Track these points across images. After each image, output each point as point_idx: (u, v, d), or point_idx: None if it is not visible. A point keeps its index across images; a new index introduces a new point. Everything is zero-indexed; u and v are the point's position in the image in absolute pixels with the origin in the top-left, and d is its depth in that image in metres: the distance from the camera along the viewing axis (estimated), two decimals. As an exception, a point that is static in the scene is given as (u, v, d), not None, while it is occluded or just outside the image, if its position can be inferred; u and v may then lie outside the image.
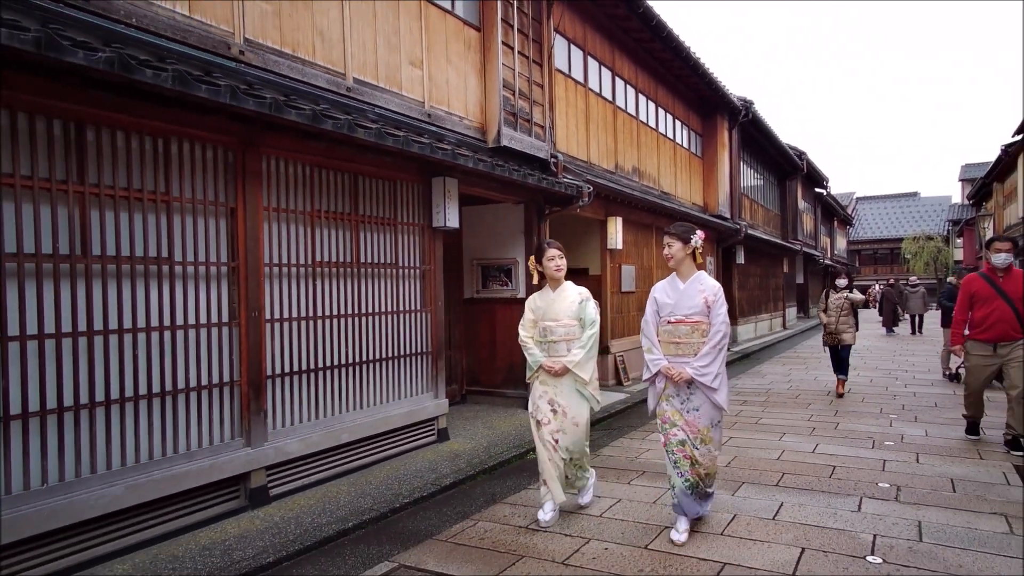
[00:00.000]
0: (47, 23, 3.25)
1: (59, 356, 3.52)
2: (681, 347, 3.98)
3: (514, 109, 7.35)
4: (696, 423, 3.95)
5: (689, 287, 4.02)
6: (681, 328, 3.99)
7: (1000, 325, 5.82)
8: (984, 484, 4.92)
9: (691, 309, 3.97)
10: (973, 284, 6.12)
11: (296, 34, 4.96)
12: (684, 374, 3.90)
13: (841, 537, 3.94)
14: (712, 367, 3.88)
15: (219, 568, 3.63)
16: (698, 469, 3.95)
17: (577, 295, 4.40)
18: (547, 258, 4.40)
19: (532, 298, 4.52)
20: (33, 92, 3.36)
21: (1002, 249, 5.91)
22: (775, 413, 7.90)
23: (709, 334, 3.93)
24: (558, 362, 4.27)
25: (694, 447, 3.94)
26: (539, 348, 4.40)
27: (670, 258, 4.05)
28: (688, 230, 4.07)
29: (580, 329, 4.35)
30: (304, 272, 4.99)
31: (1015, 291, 5.83)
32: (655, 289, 4.22)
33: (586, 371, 4.30)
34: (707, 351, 3.90)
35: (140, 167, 3.92)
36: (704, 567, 3.56)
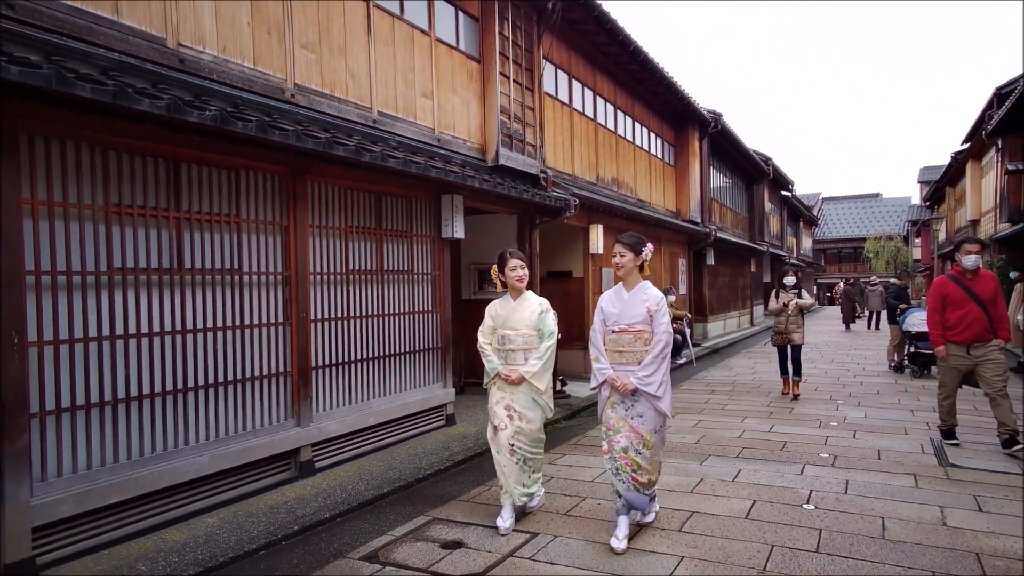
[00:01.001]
0: (156, 84, 4.10)
1: (162, 351, 4.37)
2: (625, 355, 4.05)
3: (509, 131, 8.28)
4: (640, 429, 4.02)
5: (633, 297, 4.10)
6: (624, 337, 4.06)
7: (974, 327, 5.87)
8: (904, 453, 5.99)
9: (634, 318, 4.04)
10: (945, 287, 6.12)
11: (333, 77, 5.83)
12: (628, 385, 3.96)
13: (785, 492, 4.95)
14: (655, 376, 3.96)
15: (287, 522, 4.50)
16: (639, 476, 4.04)
17: (538, 305, 4.43)
18: (509, 268, 4.41)
19: (492, 305, 4.55)
20: (143, 138, 4.19)
21: (971, 251, 5.95)
22: (739, 400, 8.96)
23: (651, 343, 4.00)
24: (515, 371, 4.32)
25: (637, 452, 4.02)
26: (497, 355, 4.45)
27: (620, 267, 4.11)
28: (640, 242, 4.16)
29: (538, 339, 4.38)
30: (340, 279, 5.87)
31: (985, 293, 5.90)
32: (602, 299, 4.29)
33: (542, 381, 4.35)
34: (650, 360, 3.96)
35: (219, 195, 4.77)
36: (677, 516, 4.52)
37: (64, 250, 3.83)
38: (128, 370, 4.16)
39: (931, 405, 8.22)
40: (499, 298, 4.55)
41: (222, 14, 4.81)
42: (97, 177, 4.01)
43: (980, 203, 20.49)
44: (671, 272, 15.22)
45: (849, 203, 56.81)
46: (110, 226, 4.07)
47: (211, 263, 4.71)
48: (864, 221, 53.72)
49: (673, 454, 6.09)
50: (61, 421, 3.80)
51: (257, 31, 5.08)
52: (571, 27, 10.04)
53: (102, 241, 4.02)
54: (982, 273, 6.04)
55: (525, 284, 4.44)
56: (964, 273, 6.02)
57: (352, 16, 6.04)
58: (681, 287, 15.79)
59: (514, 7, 8.39)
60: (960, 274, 6.07)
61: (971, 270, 5.98)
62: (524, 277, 4.42)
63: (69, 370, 3.84)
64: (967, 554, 3.75)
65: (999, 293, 6.01)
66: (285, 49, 5.33)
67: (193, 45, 4.60)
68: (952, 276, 6.18)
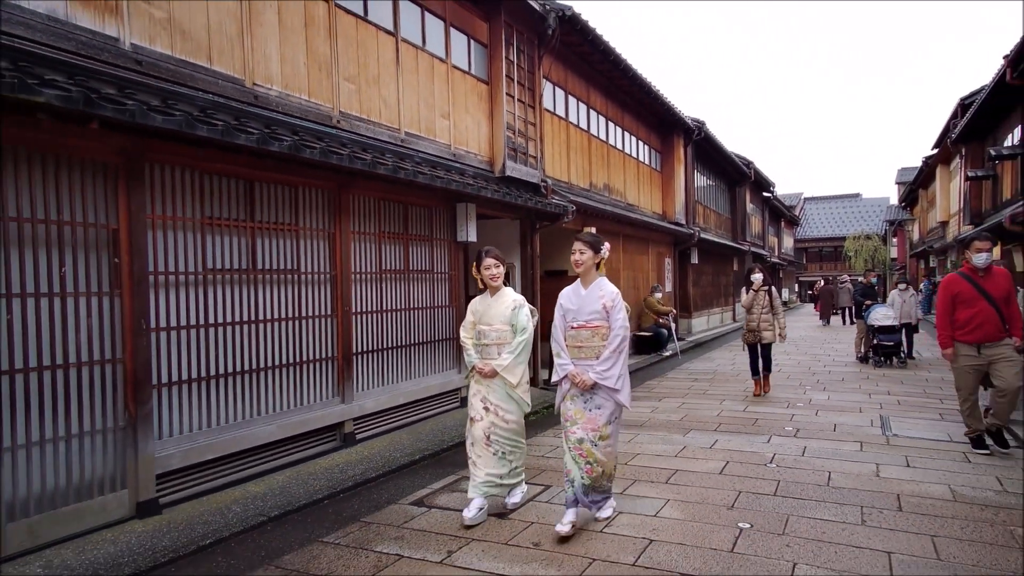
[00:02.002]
0: (238, 118, 5.02)
1: (242, 337, 5.30)
2: (583, 350, 4.15)
3: (514, 145, 9.24)
4: (596, 420, 4.13)
5: (590, 293, 4.22)
6: (583, 333, 4.16)
7: (985, 326, 5.63)
8: (855, 426, 7.03)
9: (592, 314, 4.16)
10: (955, 286, 5.86)
11: (369, 103, 6.77)
12: (587, 380, 4.07)
13: (753, 455, 5.97)
14: (613, 370, 4.07)
15: (342, 479, 5.44)
16: (594, 468, 4.12)
17: (512, 302, 4.52)
18: (484, 267, 4.55)
19: (473, 302, 4.72)
20: (229, 162, 5.11)
21: (982, 249, 5.70)
22: (719, 387, 9.99)
23: (609, 338, 4.12)
24: (488, 364, 4.44)
25: (592, 445, 4.11)
26: (475, 350, 4.57)
27: (579, 264, 4.23)
28: (598, 240, 4.32)
29: (512, 334, 4.48)
30: (375, 278, 6.81)
31: (997, 291, 5.68)
32: (561, 296, 4.38)
33: (514, 375, 4.43)
34: (607, 355, 4.08)
35: (282, 208, 5.70)
36: (664, 473, 5.51)
37: (172, 254, 4.75)
38: (217, 352, 5.09)
39: (886, 389, 9.32)
40: (480, 295, 4.70)
41: (285, 57, 5.73)
42: (195, 195, 4.93)
43: (948, 206, 21.72)
44: (658, 271, 16.27)
45: (830, 203, 58.24)
46: (204, 235, 4.99)
47: (276, 264, 5.64)
48: (845, 221, 55.11)
49: (660, 429, 7.10)
50: (172, 392, 4.73)
51: (311, 69, 6.02)
52: (568, 49, 11.01)
53: (198, 247, 4.95)
54: (995, 270, 5.79)
55: (499, 282, 4.55)
56: (975, 271, 5.75)
57: (384, 51, 6.98)
58: (667, 285, 16.84)
59: (518, 33, 9.35)
60: (971, 271, 5.79)
61: (983, 268, 5.73)
62: (497, 275, 4.53)
63: (177, 351, 4.77)
64: (890, 495, 4.78)
65: (1013, 291, 5.77)
66: (332, 83, 6.26)
67: (263, 84, 5.53)
68: (963, 274, 5.87)
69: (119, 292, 4.35)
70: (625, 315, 4.20)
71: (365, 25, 6.72)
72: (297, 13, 5.86)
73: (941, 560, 3.66)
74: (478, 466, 4.49)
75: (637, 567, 3.66)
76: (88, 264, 4.21)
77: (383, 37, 6.98)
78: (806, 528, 4.17)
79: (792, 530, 4.15)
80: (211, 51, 5.08)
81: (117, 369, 4.34)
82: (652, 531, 4.18)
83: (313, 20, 6.04)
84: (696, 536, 4.08)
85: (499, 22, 8.90)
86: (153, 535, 4.17)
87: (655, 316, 14.05)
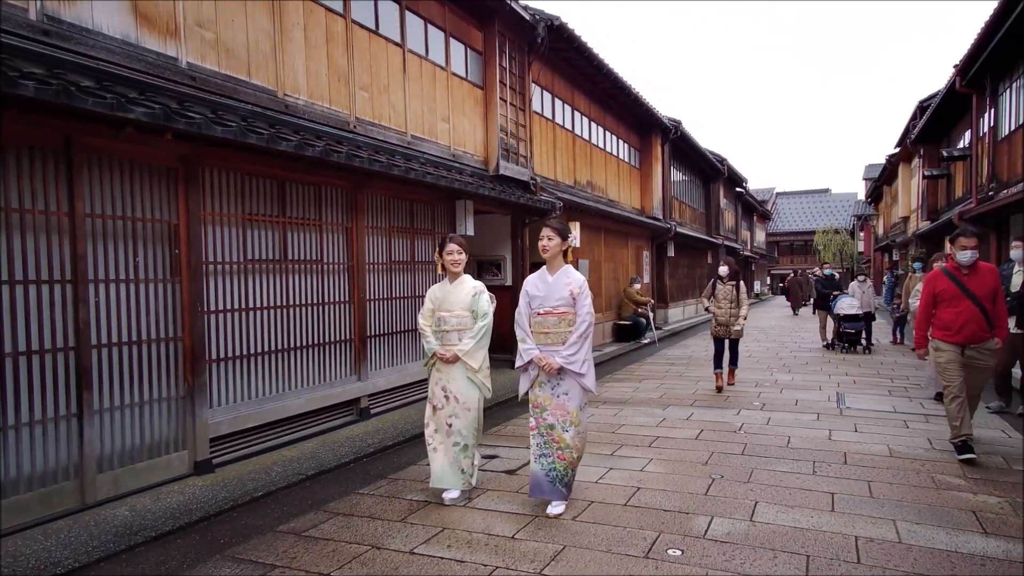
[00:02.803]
0: (272, 125, 5.67)
1: (275, 320, 5.96)
2: (550, 336, 4.21)
3: (507, 146, 9.96)
4: (566, 405, 4.21)
5: (557, 280, 4.25)
6: (549, 319, 4.22)
7: (969, 326, 5.28)
8: (814, 401, 7.90)
9: (558, 301, 4.20)
10: (937, 283, 5.51)
11: (380, 109, 7.44)
12: (553, 364, 4.14)
13: (724, 424, 6.79)
14: (579, 355, 4.15)
15: (363, 446, 6.14)
16: (566, 453, 4.21)
17: (472, 288, 4.56)
18: (446, 252, 4.55)
19: (432, 289, 4.73)
20: (267, 165, 5.76)
21: (967, 247, 5.30)
22: (694, 370, 10.84)
23: (575, 324, 4.20)
24: (449, 350, 4.47)
25: (564, 430, 4.21)
26: (435, 337, 4.58)
27: (547, 250, 4.26)
28: (566, 228, 4.35)
29: (472, 320, 4.53)
30: (385, 268, 7.50)
31: (982, 288, 5.31)
32: (527, 282, 4.42)
33: (476, 360, 4.48)
34: (574, 340, 4.15)
35: (308, 205, 6.36)
36: (646, 439, 6.29)
37: (220, 246, 5.40)
38: (255, 332, 5.76)
39: (844, 371, 10.24)
40: (439, 282, 4.74)
41: (310, 70, 6.39)
42: (238, 194, 5.59)
43: (909, 202, 22.88)
44: (636, 263, 17.11)
45: (801, 198, 59.72)
46: (245, 229, 5.65)
47: (303, 255, 6.31)
48: (815, 215, 56.58)
49: (642, 405, 7.90)
50: (220, 367, 5.40)
51: (331, 80, 6.67)
52: (555, 54, 11.73)
53: (240, 240, 5.61)
54: (981, 267, 5.41)
55: (460, 268, 4.57)
56: (959, 268, 5.40)
57: (392, 61, 7.65)
58: (645, 276, 17.70)
59: (510, 41, 10.05)
60: (955, 269, 5.44)
61: (967, 265, 5.37)
62: (459, 261, 4.55)
63: (223, 331, 5.43)
64: (839, 453, 5.62)
65: (999, 289, 5.41)
66: (349, 91, 6.92)
67: (292, 94, 6.18)
68: (946, 270, 5.53)
69: (178, 279, 5.00)
70: (591, 302, 4.26)
71: (376, 38, 7.39)
72: (320, 30, 6.51)
73: (873, 497, 4.49)
74: (438, 452, 4.54)
75: (628, 507, 4.43)
76: (154, 255, 4.86)
77: (392, 48, 7.65)
78: (767, 477, 4.99)
79: (755, 479, 4.95)
80: (250, 66, 5.72)
81: (177, 346, 5.00)
82: (639, 481, 4.96)
83: (333, 36, 6.69)
84: (676, 484, 4.87)
85: (493, 32, 9.59)
86: (212, 488, 4.85)
87: (634, 306, 14.88)
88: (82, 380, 4.32)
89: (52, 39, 4.19)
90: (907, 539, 3.78)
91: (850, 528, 3.95)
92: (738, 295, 8.72)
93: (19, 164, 4.05)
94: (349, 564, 3.63)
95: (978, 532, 3.87)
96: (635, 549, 3.72)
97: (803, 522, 4.06)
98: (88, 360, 4.36)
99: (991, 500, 4.40)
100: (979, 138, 12.99)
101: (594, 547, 3.75)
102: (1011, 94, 11.54)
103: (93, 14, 4.46)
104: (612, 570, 3.46)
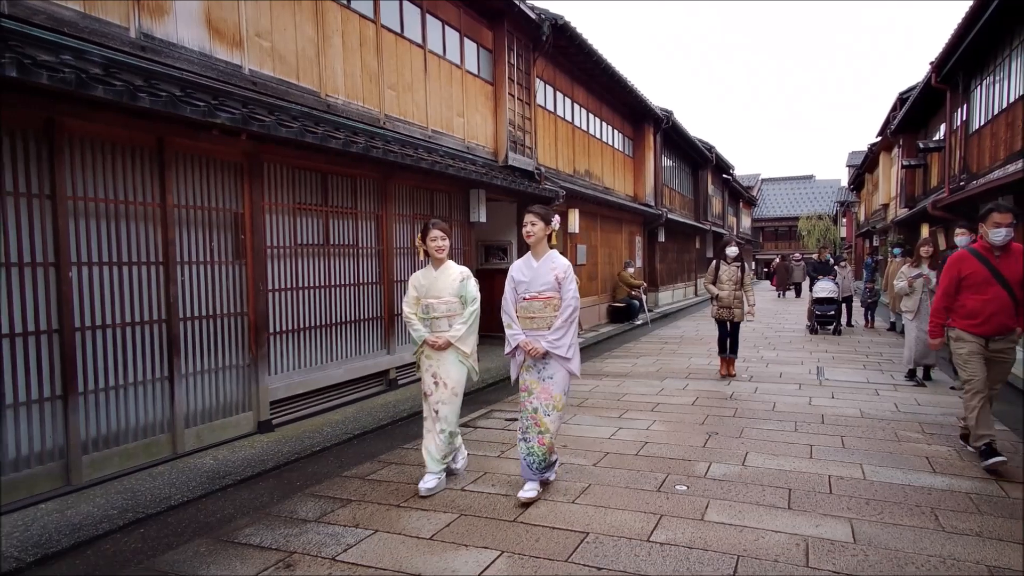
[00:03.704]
0: (317, 123, 6.34)
1: (319, 299, 6.67)
2: (536, 321, 4.21)
3: (514, 138, 10.65)
4: (551, 389, 4.24)
5: (542, 265, 4.25)
6: (535, 304, 4.21)
7: (997, 317, 4.70)
8: (797, 374, 8.75)
9: (544, 286, 4.20)
10: (964, 265, 4.84)
11: (405, 107, 8.10)
12: (539, 348, 4.16)
13: (717, 393, 7.60)
14: (564, 339, 4.17)
15: (396, 412, 6.88)
16: (545, 438, 4.22)
17: (459, 274, 4.55)
18: (430, 238, 4.50)
19: (415, 276, 4.64)
20: (313, 160, 6.44)
21: (1002, 223, 4.62)
22: (686, 347, 11.68)
23: (560, 308, 4.19)
24: (441, 337, 4.44)
25: (546, 414, 4.23)
26: (422, 324, 4.53)
27: (531, 236, 4.23)
28: (549, 213, 4.31)
29: (461, 306, 4.52)
30: (410, 252, 8.21)
31: (1013, 273, 4.68)
32: (512, 268, 4.38)
33: (467, 344, 4.51)
34: (559, 324, 4.16)
35: (345, 194, 7.05)
36: (649, 404, 7.08)
37: (276, 232, 6.09)
38: (304, 309, 6.46)
39: (824, 348, 11.11)
40: (422, 269, 4.67)
41: (347, 72, 7.05)
42: (289, 186, 6.27)
43: (889, 190, 23.80)
44: (629, 248, 17.90)
45: (786, 184, 60.79)
46: (295, 217, 6.34)
47: (342, 240, 7.01)
48: (799, 201, 57.68)
49: (642, 377, 8.71)
50: (277, 339, 6.11)
51: (364, 81, 7.34)
52: (557, 51, 12.40)
53: (291, 226, 6.29)
54: (1014, 248, 4.76)
55: (444, 254, 4.53)
56: (991, 249, 4.76)
57: (415, 61, 8.31)
58: (637, 261, 18.49)
59: (518, 40, 10.71)
60: (986, 250, 4.79)
61: (1000, 246, 4.72)
62: (443, 248, 4.50)
63: (279, 307, 6.13)
64: (817, 415, 6.45)
65: None
66: (380, 91, 7.59)
67: (332, 94, 6.85)
68: (974, 251, 4.87)
69: (244, 261, 5.69)
70: (576, 287, 4.26)
71: (402, 41, 8.04)
72: (355, 35, 7.16)
73: (845, 448, 5.31)
74: (430, 443, 4.53)
75: (639, 456, 5.22)
76: (224, 240, 5.54)
77: (415, 50, 8.31)
78: (756, 434, 5.80)
79: (746, 436, 5.76)
80: (298, 71, 6.38)
81: (244, 320, 5.70)
82: (646, 437, 5.75)
83: (365, 40, 7.35)
84: (678, 439, 5.67)
85: (502, 31, 10.25)
86: (276, 444, 5.58)
87: (628, 289, 15.68)
88: (172, 348, 5.03)
89: (147, 53, 4.84)
90: (871, 477, 4.60)
91: (824, 470, 4.77)
92: (742, 276, 8.53)
93: (123, 163, 4.72)
94: (412, 499, 4.38)
95: (928, 472, 4.70)
96: (648, 485, 4.51)
97: (786, 466, 4.87)
98: (177, 330, 5.06)
99: (942, 449, 5.24)
100: (952, 131, 13.85)
101: (615, 484, 4.54)
102: (981, 91, 12.38)
103: (177, 29, 5.11)
104: (632, 500, 4.24)
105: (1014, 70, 10.66)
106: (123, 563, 3.52)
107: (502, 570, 3.31)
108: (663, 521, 3.88)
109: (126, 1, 4.72)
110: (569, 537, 3.68)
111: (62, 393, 4.32)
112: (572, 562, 3.38)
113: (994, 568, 3.24)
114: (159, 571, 3.42)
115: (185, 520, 4.08)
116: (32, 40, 4.06)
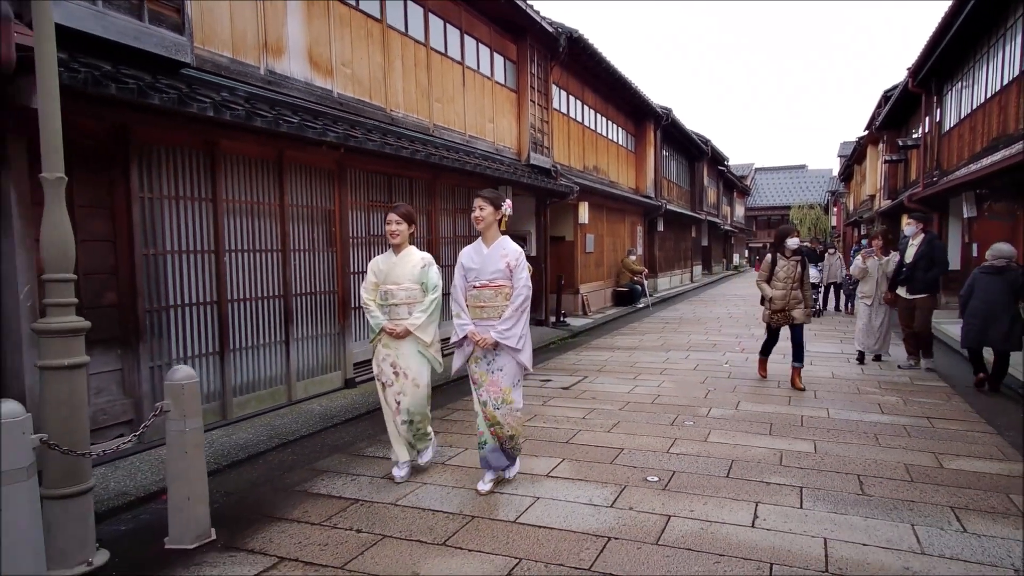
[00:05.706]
0: (384, 135, 7.65)
1: (385, 280, 8.00)
2: (486, 310, 4.03)
3: (535, 139, 11.97)
4: (499, 383, 4.05)
5: (493, 252, 4.07)
6: (485, 292, 4.03)
7: None
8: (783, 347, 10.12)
9: (494, 274, 4.02)
10: None
11: (448, 116, 9.41)
12: (488, 340, 3.96)
13: (714, 362, 9.01)
14: (515, 329, 3.96)
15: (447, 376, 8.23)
16: (499, 431, 4.07)
17: (420, 260, 4.39)
18: (386, 223, 4.39)
19: (375, 261, 4.48)
20: (383, 165, 7.74)
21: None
22: (686, 327, 13.09)
23: (512, 297, 4.01)
24: (400, 325, 4.27)
25: (496, 408, 4.06)
26: (381, 311, 4.37)
27: (480, 220, 4.07)
28: (499, 197, 4.15)
29: (422, 293, 4.36)
30: (451, 241, 9.54)
31: None
32: (462, 255, 4.20)
33: (427, 334, 4.33)
34: (510, 314, 3.97)
35: (403, 193, 8.37)
36: (657, 370, 8.47)
37: (355, 225, 7.42)
38: (374, 290, 7.79)
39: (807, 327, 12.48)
40: (383, 254, 4.54)
41: (405, 89, 8.36)
42: (364, 187, 7.59)
43: (875, 181, 25.20)
44: (631, 237, 19.26)
45: (778, 173, 62.11)
46: (368, 213, 7.67)
47: (401, 232, 8.33)
48: (791, 190, 58.98)
49: (649, 350, 10.11)
50: (356, 313, 7.45)
51: (418, 96, 8.64)
52: (571, 58, 13.68)
53: (365, 220, 7.62)
54: None
55: (400, 240, 4.37)
56: None
57: (456, 77, 9.61)
58: (639, 249, 19.86)
59: (538, 52, 12.00)
60: None
61: None
62: (397, 232, 4.35)
63: (357, 287, 7.47)
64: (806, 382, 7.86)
65: None
66: (429, 104, 8.90)
67: (395, 109, 8.16)
68: None
69: (335, 249, 7.03)
70: (527, 275, 4.10)
71: (445, 59, 9.34)
72: (411, 58, 8.46)
73: (816, 398, 6.73)
74: (393, 432, 4.44)
75: (654, 404, 6.61)
76: (320, 232, 6.87)
77: (455, 67, 9.60)
78: (746, 390, 7.20)
79: (738, 391, 7.16)
80: (370, 91, 7.69)
81: (334, 297, 7.05)
82: (658, 392, 7.14)
83: (419, 61, 8.65)
84: (683, 393, 7.07)
85: (525, 44, 11.54)
86: (361, 396, 6.94)
87: (630, 274, 17.06)
88: (288, 318, 6.38)
89: (271, 86, 6.15)
90: (833, 416, 6.01)
91: (799, 412, 6.18)
92: (803, 274, 7.19)
93: (256, 172, 6.04)
94: (484, 431, 5.75)
95: (877, 412, 6.12)
96: (663, 422, 5.90)
97: (769, 410, 6.27)
98: (291, 304, 6.41)
99: (892, 399, 6.67)
100: (927, 131, 15.22)
101: (638, 422, 5.93)
102: (952, 96, 13.75)
103: (290, 65, 6.41)
104: (652, 430, 5.64)
105: (977, 79, 12.03)
106: (289, 468, 4.88)
107: (566, 470, 4.69)
108: (677, 442, 5.28)
109: (257, 47, 6.02)
110: (610, 451, 5.07)
111: (219, 350, 5.67)
112: (616, 464, 4.77)
113: (910, 466, 4.64)
114: (319, 469, 4.78)
115: (318, 444, 5.45)
116: (201, 82, 5.36)
